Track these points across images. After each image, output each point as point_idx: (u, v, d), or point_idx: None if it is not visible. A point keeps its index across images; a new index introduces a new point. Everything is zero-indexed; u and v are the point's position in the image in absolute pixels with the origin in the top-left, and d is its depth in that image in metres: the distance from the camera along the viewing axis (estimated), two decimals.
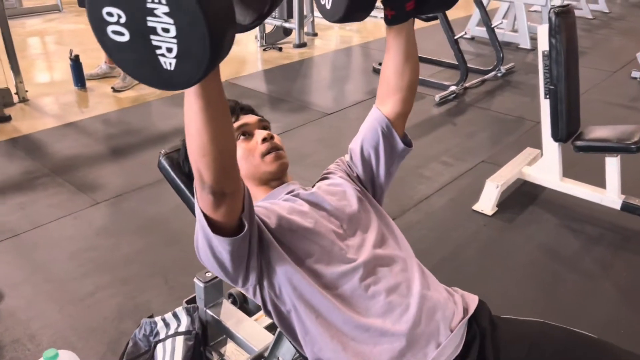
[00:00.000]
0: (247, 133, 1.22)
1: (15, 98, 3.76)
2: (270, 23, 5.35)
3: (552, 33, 2.28)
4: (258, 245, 1.02)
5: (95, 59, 4.55)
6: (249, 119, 1.25)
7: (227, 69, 4.71)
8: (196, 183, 0.88)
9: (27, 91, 3.83)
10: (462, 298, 1.12)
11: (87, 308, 1.90)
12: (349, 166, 1.27)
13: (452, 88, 4.08)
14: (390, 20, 1.13)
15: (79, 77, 4.08)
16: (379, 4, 1.11)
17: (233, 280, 1.03)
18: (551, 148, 2.54)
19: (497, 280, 2.10)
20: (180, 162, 1.33)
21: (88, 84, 4.16)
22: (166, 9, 0.60)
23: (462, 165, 3.02)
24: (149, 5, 0.61)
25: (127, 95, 3.98)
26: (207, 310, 1.58)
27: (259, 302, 1.09)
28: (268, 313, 1.09)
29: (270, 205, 1.10)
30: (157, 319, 1.57)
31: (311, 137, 3.36)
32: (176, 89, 0.66)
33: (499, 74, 4.59)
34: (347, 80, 4.71)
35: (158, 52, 0.63)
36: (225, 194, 0.87)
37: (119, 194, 2.63)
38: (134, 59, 0.65)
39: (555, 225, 2.45)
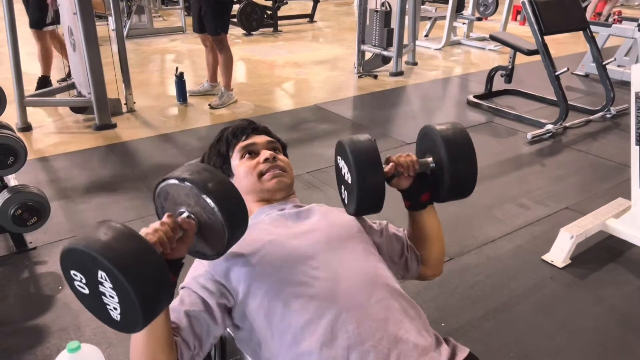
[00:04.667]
0: (253, 152, 1.24)
1: (124, 108, 4.16)
2: (369, 50, 5.39)
3: None
4: (227, 317, 1.05)
5: (200, 77, 4.91)
6: (259, 139, 1.27)
7: (319, 94, 4.82)
8: None
9: (135, 102, 4.21)
10: (450, 349, 1.03)
11: None
12: (377, 230, 1.28)
13: (549, 127, 3.79)
14: (408, 208, 1.26)
15: (181, 92, 4.40)
16: None
17: None
18: None
19: (550, 341, 1.88)
20: None
21: (190, 100, 4.48)
22: (111, 285, 0.78)
23: (541, 210, 2.78)
24: (100, 279, 0.79)
25: (221, 113, 4.22)
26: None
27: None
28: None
29: (244, 241, 1.09)
30: None
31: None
32: (124, 332, 0.85)
33: (608, 115, 4.19)
34: (436, 111, 4.58)
35: (108, 307, 0.82)
36: None
37: None
38: (94, 306, 0.84)
39: (636, 289, 2.15)
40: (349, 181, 1.12)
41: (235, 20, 6.92)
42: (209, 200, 0.91)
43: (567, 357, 1.82)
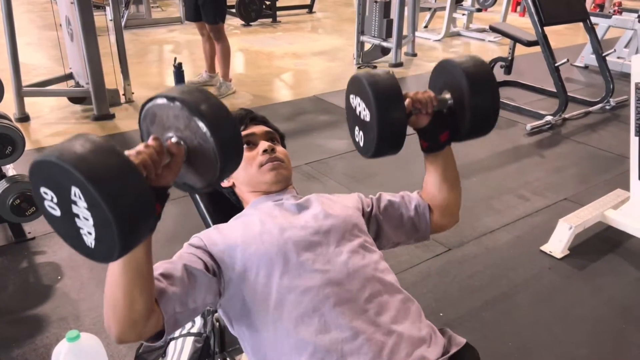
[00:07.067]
0: (252, 143, 1.23)
1: (123, 99, 4.14)
2: (368, 41, 5.37)
3: None
4: (217, 289, 1.02)
5: (199, 68, 4.89)
6: (257, 129, 1.26)
7: (318, 85, 4.81)
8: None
9: (133, 93, 4.19)
10: (446, 339, 1.03)
11: None
12: (369, 204, 1.25)
13: (548, 118, 3.79)
14: (425, 150, 1.16)
15: (180, 83, 4.38)
16: None
17: None
18: (639, 191, 2.25)
19: (549, 331, 1.89)
20: None
21: None
22: (85, 204, 0.69)
23: (540, 202, 2.78)
24: (73, 198, 0.70)
25: None
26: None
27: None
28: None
29: (240, 230, 1.08)
30: None
31: (381, 158, 3.29)
32: (98, 262, 0.75)
33: (608, 107, 4.19)
34: None
35: (81, 232, 0.72)
36: (130, 342, 0.90)
37: (184, 195, 2.76)
38: (65, 231, 0.75)
39: (635, 280, 2.16)
40: (367, 119, 1.04)
41: (233, 10, 6.88)
42: (200, 124, 0.81)
43: (565, 347, 1.83)
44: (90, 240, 0.72)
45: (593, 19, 4.49)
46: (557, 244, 2.33)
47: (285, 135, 1.38)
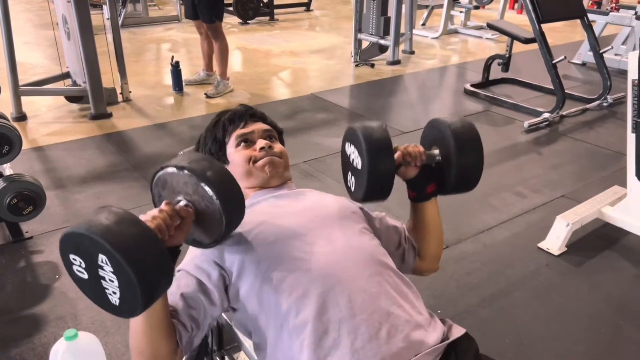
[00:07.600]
0: (249, 140, 1.25)
1: (120, 97, 4.13)
2: (366, 39, 5.37)
3: None
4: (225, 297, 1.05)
5: (196, 66, 4.88)
6: (256, 126, 1.27)
7: (316, 83, 4.80)
8: None
9: (130, 92, 4.18)
10: (445, 327, 1.04)
11: None
12: (377, 217, 1.28)
13: (545, 115, 3.79)
14: (412, 199, 1.25)
15: (177, 82, 4.37)
16: None
17: None
18: (636, 188, 2.26)
19: (546, 328, 1.90)
20: None
21: (186, 89, 4.45)
22: (111, 268, 0.79)
23: (537, 198, 2.78)
24: (100, 263, 0.79)
25: (217, 102, 4.21)
26: (222, 314, 1.60)
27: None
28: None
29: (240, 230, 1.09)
30: None
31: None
32: (122, 317, 0.85)
33: (605, 104, 4.19)
34: (434, 100, 4.57)
35: (107, 292, 0.82)
36: None
37: None
38: (92, 291, 0.85)
39: (632, 276, 2.17)
40: (358, 167, 1.12)
41: (231, 9, 6.87)
42: (207, 189, 0.91)
43: (562, 343, 1.83)
44: (115, 299, 0.81)
45: (590, 16, 4.49)
46: (555, 240, 2.33)
47: (283, 131, 1.38)
